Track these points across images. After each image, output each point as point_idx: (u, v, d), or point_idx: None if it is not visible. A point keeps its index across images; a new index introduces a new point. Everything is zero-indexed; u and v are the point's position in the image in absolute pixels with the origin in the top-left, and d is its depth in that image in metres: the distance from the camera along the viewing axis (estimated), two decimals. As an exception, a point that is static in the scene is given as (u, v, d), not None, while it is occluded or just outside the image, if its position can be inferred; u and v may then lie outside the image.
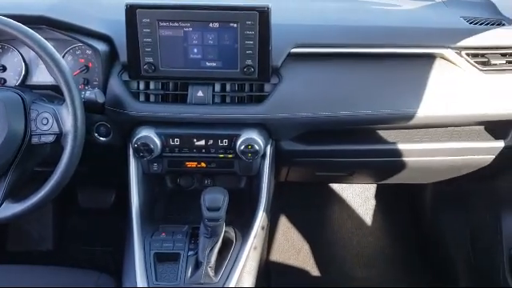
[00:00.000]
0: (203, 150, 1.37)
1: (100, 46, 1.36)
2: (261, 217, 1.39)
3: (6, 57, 1.45)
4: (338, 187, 2.44)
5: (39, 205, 1.18)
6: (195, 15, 1.27)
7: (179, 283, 1.22)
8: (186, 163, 1.42)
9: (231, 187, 1.43)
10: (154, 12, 1.26)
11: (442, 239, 2.09)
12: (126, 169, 1.41)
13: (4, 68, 1.45)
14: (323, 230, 2.32)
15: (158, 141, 1.33)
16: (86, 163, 1.22)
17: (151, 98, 1.37)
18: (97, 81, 1.43)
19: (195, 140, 1.36)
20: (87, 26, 1.38)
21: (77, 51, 1.45)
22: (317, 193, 2.42)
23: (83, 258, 2.14)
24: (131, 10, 1.25)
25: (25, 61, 1.45)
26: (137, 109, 1.34)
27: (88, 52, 1.44)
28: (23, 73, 1.45)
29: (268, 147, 1.41)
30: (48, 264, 1.41)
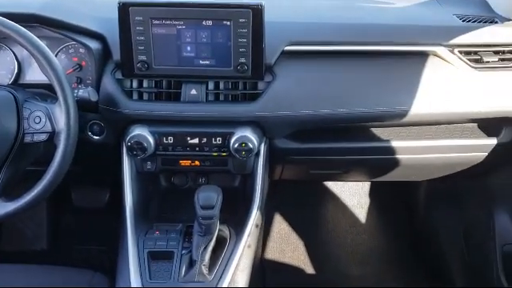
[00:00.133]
0: (197, 149, 1.37)
1: (93, 45, 1.36)
2: (255, 215, 1.39)
3: None
4: (333, 185, 2.45)
5: (32, 203, 1.17)
6: (188, 13, 1.26)
7: (173, 282, 1.22)
8: (180, 161, 1.41)
9: (225, 185, 1.44)
10: (147, 10, 1.26)
11: (436, 236, 2.10)
12: (120, 167, 1.41)
13: (-4, 67, 1.44)
14: (318, 229, 2.33)
15: (152, 139, 1.33)
16: (80, 162, 1.22)
17: (144, 97, 1.36)
18: (90, 79, 1.43)
19: (189, 138, 1.35)
20: (80, 24, 1.37)
21: (70, 50, 1.45)
22: (311, 191, 2.42)
23: (78, 257, 2.13)
24: (124, 8, 1.25)
25: (17, 59, 1.45)
26: (130, 107, 1.34)
27: (81, 50, 1.44)
28: (16, 71, 1.44)
29: (262, 145, 1.41)
30: (42, 263, 1.40)
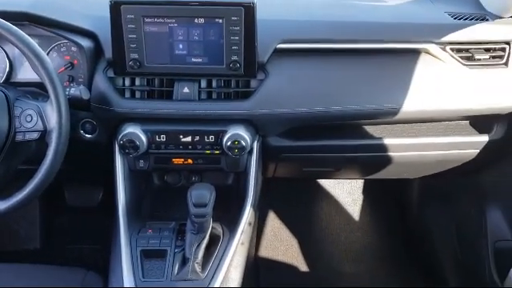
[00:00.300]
0: (190, 147, 1.37)
1: (85, 43, 1.36)
2: (248, 212, 1.39)
3: None
4: (326, 183, 2.45)
5: (24, 202, 1.17)
6: (180, 11, 1.26)
7: (166, 280, 1.21)
8: (173, 160, 1.41)
9: (219, 183, 1.44)
10: (139, 8, 1.25)
11: (429, 234, 2.11)
12: (112, 166, 1.40)
13: (-13, 65, 1.44)
14: (311, 226, 2.33)
15: (144, 137, 1.32)
16: (72, 161, 1.22)
17: (137, 95, 1.36)
18: (82, 78, 1.42)
19: (181, 136, 1.35)
20: (71, 23, 1.37)
21: (62, 48, 1.44)
22: (305, 189, 2.43)
23: (71, 256, 2.13)
24: (116, 6, 1.25)
25: (9, 58, 1.44)
26: (122, 105, 1.33)
27: (73, 49, 1.43)
28: (7, 70, 1.43)
29: (255, 143, 1.41)
30: (35, 262, 1.40)
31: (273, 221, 2.31)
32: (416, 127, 1.52)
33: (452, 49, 1.42)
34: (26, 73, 1.43)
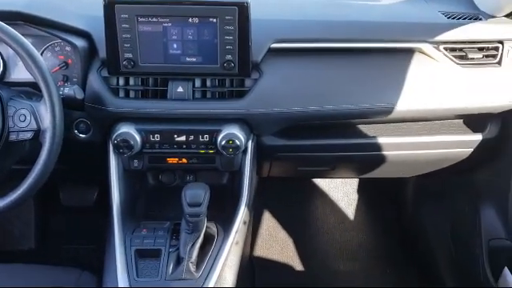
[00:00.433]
0: (184, 146, 1.37)
1: (79, 42, 1.35)
2: (242, 212, 1.40)
3: None
4: (321, 182, 2.45)
5: (17, 202, 1.17)
6: (174, 10, 1.26)
7: (160, 279, 1.21)
8: (167, 159, 1.41)
9: (213, 183, 1.44)
10: (133, 7, 1.25)
11: (424, 232, 2.11)
12: (107, 166, 1.40)
13: (-19, 65, 1.43)
14: (306, 225, 2.34)
15: (138, 137, 1.32)
16: (66, 160, 1.21)
17: (131, 94, 1.36)
18: (76, 77, 1.42)
19: (176, 136, 1.35)
20: (65, 22, 1.37)
21: (56, 48, 1.44)
22: (300, 188, 2.43)
23: (66, 257, 2.12)
24: (110, 6, 1.24)
25: (3, 57, 1.43)
26: (116, 105, 1.33)
27: (67, 48, 1.43)
28: (1, 69, 1.43)
29: (249, 142, 1.41)
30: (30, 263, 1.39)
31: (268, 220, 2.31)
32: (410, 126, 1.52)
33: (445, 48, 1.42)
34: (20, 72, 1.42)
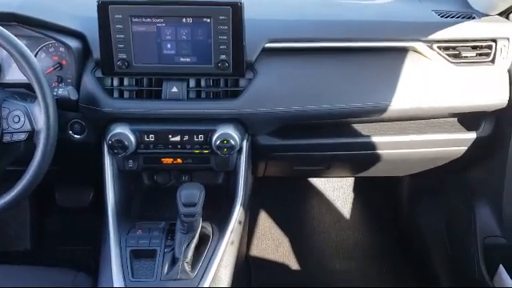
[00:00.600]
0: (179, 146, 1.37)
1: (73, 43, 1.35)
2: (238, 211, 1.40)
3: None
4: (317, 182, 2.46)
5: (12, 203, 1.17)
6: (168, 11, 1.26)
7: (156, 280, 1.21)
8: (162, 159, 1.41)
9: (209, 183, 1.44)
10: (127, 8, 1.25)
11: (419, 231, 2.12)
12: (102, 166, 1.40)
13: (-25, 66, 1.43)
14: (302, 225, 2.34)
15: (133, 137, 1.32)
16: (61, 161, 1.21)
17: (125, 95, 1.36)
18: (70, 78, 1.42)
19: (170, 136, 1.35)
20: (59, 23, 1.37)
21: (50, 48, 1.44)
22: (296, 188, 2.43)
23: (62, 258, 2.12)
24: (103, 7, 1.25)
25: (-4, 59, 1.43)
26: (111, 105, 1.33)
27: (61, 49, 1.43)
28: (-5, 71, 1.43)
29: (244, 142, 1.41)
30: (25, 264, 1.39)
31: (264, 220, 2.32)
32: (404, 125, 1.53)
33: (439, 47, 1.43)
34: (14, 74, 1.42)
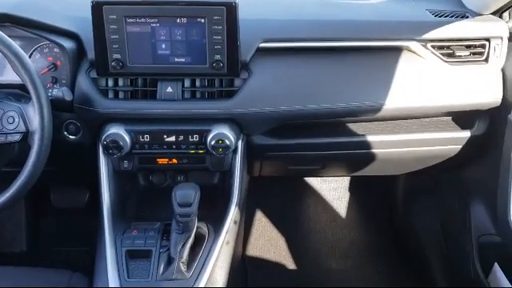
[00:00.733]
0: (174, 146, 1.37)
1: (67, 44, 1.35)
2: (233, 211, 1.40)
3: None
4: (312, 181, 2.46)
5: (7, 204, 1.16)
6: (162, 11, 1.26)
7: (151, 280, 1.21)
8: (157, 160, 1.41)
9: (204, 183, 1.44)
10: (121, 8, 1.25)
11: (415, 230, 2.12)
12: (97, 167, 1.40)
13: (-31, 67, 1.42)
14: (298, 224, 2.34)
15: (128, 138, 1.32)
16: (56, 162, 1.21)
17: (120, 95, 1.36)
18: (65, 79, 1.42)
19: (165, 136, 1.35)
20: (54, 24, 1.36)
21: (44, 49, 1.43)
22: (291, 187, 2.43)
23: (58, 259, 2.11)
24: (97, 7, 1.24)
25: (-10, 60, 1.43)
26: (105, 106, 1.33)
27: (56, 50, 1.43)
28: (-11, 72, 1.43)
29: (239, 142, 1.41)
30: (21, 265, 1.39)
31: (260, 219, 2.32)
32: (399, 124, 1.53)
33: (433, 46, 1.43)
34: (8, 75, 1.41)
